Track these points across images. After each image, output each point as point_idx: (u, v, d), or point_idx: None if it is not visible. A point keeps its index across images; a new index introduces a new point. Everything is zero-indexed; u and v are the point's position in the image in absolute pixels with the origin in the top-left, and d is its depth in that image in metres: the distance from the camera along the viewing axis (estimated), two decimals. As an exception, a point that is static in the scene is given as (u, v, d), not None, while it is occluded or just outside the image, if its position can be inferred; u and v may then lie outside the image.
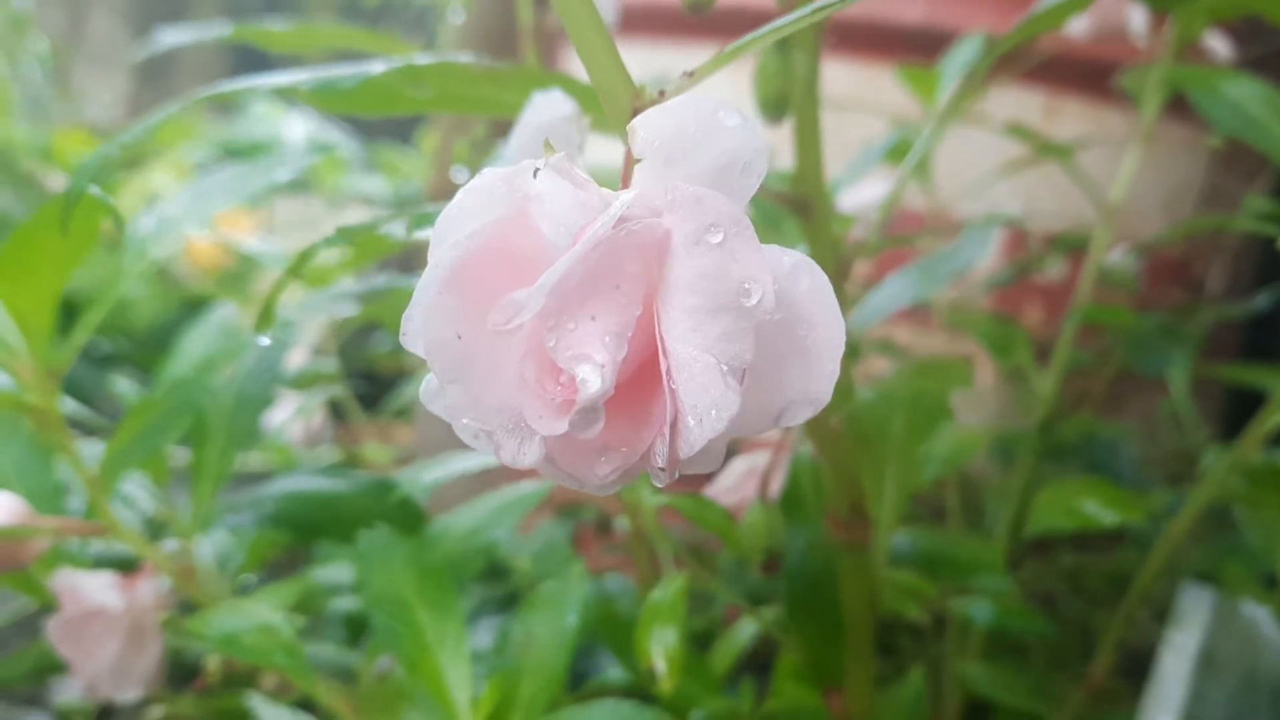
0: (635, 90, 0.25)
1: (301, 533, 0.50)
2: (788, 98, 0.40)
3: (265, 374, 0.51)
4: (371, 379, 1.17)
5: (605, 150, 0.34)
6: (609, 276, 0.21)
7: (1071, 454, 0.71)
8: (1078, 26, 0.65)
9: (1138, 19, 0.64)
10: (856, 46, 1.06)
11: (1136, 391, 1.02)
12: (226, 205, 0.48)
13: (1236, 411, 1.09)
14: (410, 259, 1.24)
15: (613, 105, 0.25)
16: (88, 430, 0.67)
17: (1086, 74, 1.13)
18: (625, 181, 0.24)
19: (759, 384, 0.23)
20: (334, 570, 0.68)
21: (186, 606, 0.52)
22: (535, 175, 0.22)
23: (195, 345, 0.61)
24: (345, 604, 0.66)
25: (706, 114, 0.22)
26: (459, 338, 0.22)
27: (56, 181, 1.52)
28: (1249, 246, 1.28)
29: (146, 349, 1.24)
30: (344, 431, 0.98)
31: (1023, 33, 0.45)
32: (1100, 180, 1.11)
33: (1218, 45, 0.66)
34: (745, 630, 0.59)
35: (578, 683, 0.61)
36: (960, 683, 0.64)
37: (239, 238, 1.10)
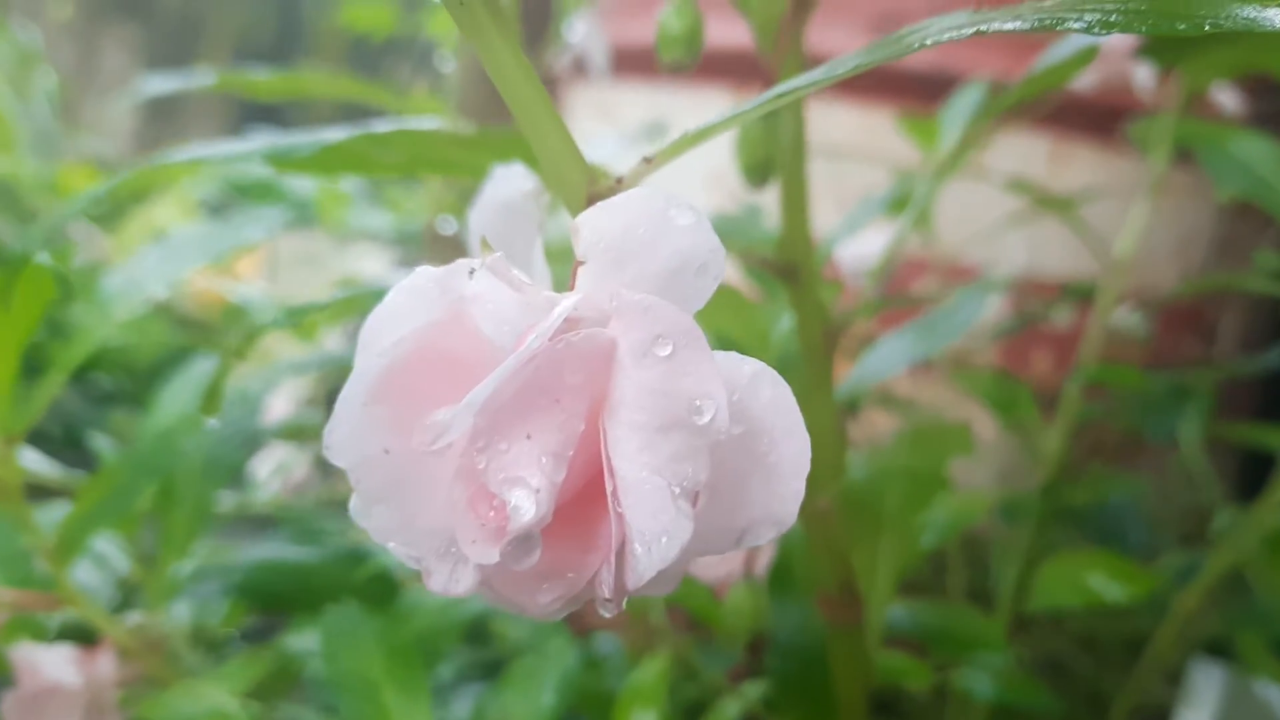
0: (590, 174, 0.24)
1: (270, 604, 0.48)
2: (773, 164, 0.39)
3: (236, 438, 0.49)
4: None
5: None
6: (548, 391, 0.19)
7: (1080, 515, 0.69)
8: (1083, 79, 0.64)
9: (1143, 72, 0.62)
10: (858, 92, 1.05)
11: (1149, 445, 1.00)
12: (195, 265, 0.46)
13: (1251, 468, 1.06)
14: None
15: (565, 191, 0.23)
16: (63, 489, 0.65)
17: (1094, 120, 1.12)
18: (573, 283, 0.23)
19: (718, 503, 0.21)
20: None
21: (154, 678, 0.50)
22: (471, 275, 0.20)
23: (173, 401, 0.59)
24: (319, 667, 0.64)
25: (656, 212, 0.20)
26: (386, 453, 0.20)
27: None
28: (1261, 299, 1.25)
29: (148, 386, 1.23)
30: (329, 483, 0.96)
31: (1025, 90, 0.44)
32: (1110, 227, 1.09)
33: (1226, 99, 0.64)
34: (730, 709, 0.57)
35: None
36: (963, 756, 0.61)
37: (230, 283, 1.09)
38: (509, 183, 0.29)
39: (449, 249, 1.24)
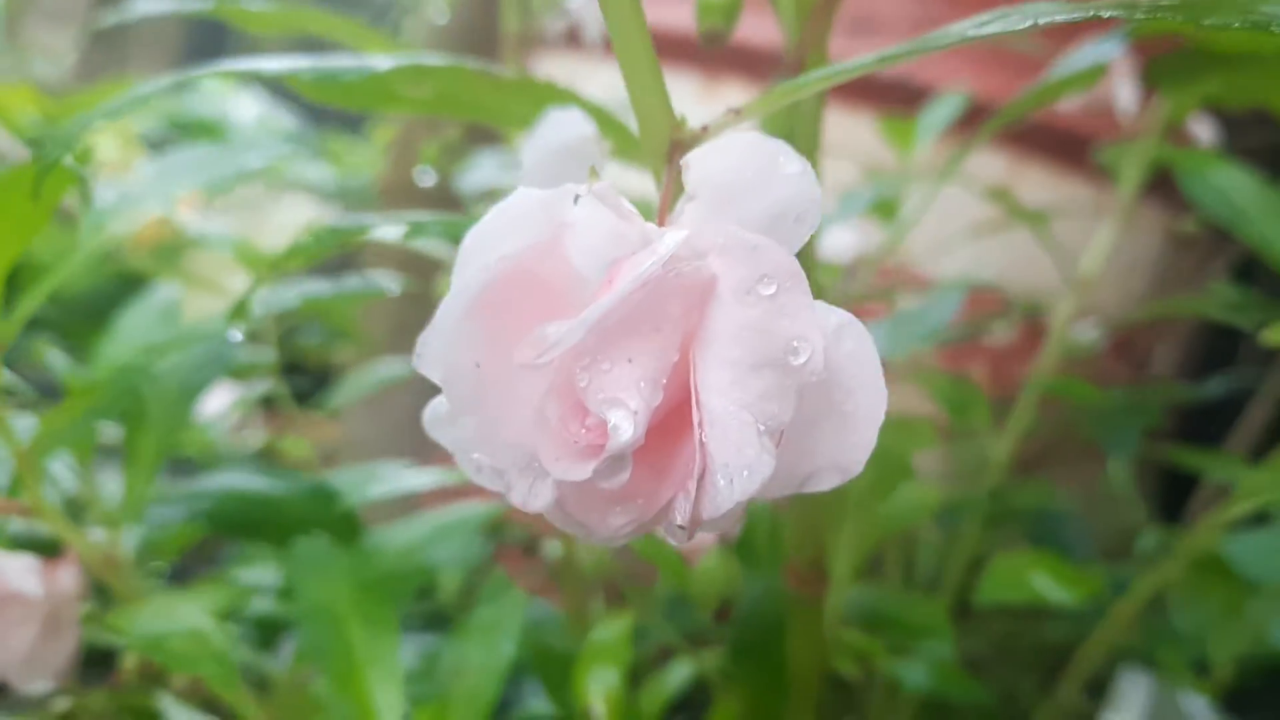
0: (676, 121, 0.24)
1: (236, 533, 0.48)
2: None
3: (213, 363, 0.48)
4: (297, 370, 1.14)
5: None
6: (652, 318, 0.20)
7: (1018, 521, 0.71)
8: (1068, 100, 0.66)
9: (1126, 96, 0.64)
10: (834, 93, 1.06)
11: (1072, 463, 1.03)
12: (192, 186, 0.45)
13: (1171, 488, 1.10)
14: (346, 261, 1.21)
15: (651, 134, 0.24)
16: (15, 400, 0.64)
17: (1052, 142, 1.15)
18: (662, 217, 0.23)
19: (788, 446, 0.21)
20: (249, 571, 0.66)
21: (104, 596, 0.49)
22: (576, 201, 0.21)
23: (135, 326, 0.58)
24: (259, 605, 0.64)
25: (767, 158, 0.21)
26: (477, 366, 0.21)
27: None
28: (1199, 329, 1.30)
29: (74, 318, 1.20)
30: (269, 422, 0.95)
31: (1031, 103, 0.45)
32: (1051, 249, 1.11)
33: (1201, 130, 0.67)
34: (680, 671, 0.58)
35: (500, 712, 0.59)
36: (888, 745, 0.63)
37: (182, 215, 1.07)
38: (567, 126, 0.30)
39: (403, 202, 1.23)
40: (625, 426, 0.19)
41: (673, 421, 0.21)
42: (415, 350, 0.21)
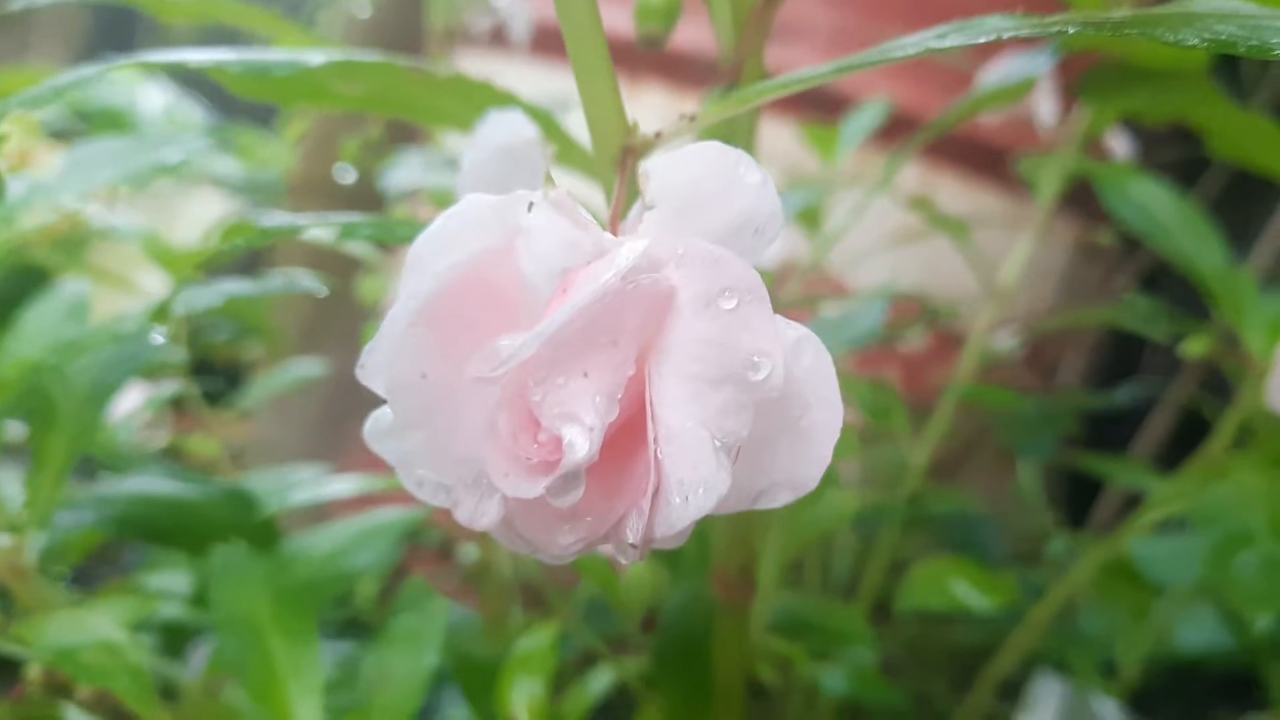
0: (629, 126, 0.24)
1: (148, 538, 0.46)
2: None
3: (128, 363, 0.46)
4: (205, 368, 1.11)
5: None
6: (608, 331, 0.19)
7: (934, 526, 0.72)
8: (987, 112, 0.66)
9: (1046, 109, 0.65)
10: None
11: (981, 468, 1.05)
12: (109, 181, 0.44)
13: (1075, 494, 1.13)
14: (255, 258, 1.19)
15: (603, 138, 0.23)
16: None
17: (966, 152, 1.17)
18: (614, 224, 0.22)
19: (742, 462, 0.21)
20: (157, 576, 0.63)
21: (6, 603, 0.47)
22: (530, 208, 0.20)
23: (41, 323, 0.56)
24: (165, 610, 0.62)
25: (728, 166, 0.20)
26: (424, 378, 0.20)
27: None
28: (1104, 338, 1.33)
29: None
30: (177, 422, 0.92)
31: (963, 114, 0.45)
32: (970, 259, 1.13)
33: (1117, 144, 0.68)
34: (602, 678, 0.57)
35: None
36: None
37: (86, 207, 1.03)
38: (509, 129, 0.29)
39: (315, 200, 1.20)
40: (580, 443, 0.19)
41: (626, 437, 0.20)
42: (359, 360, 0.20)
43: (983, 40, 0.21)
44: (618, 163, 0.23)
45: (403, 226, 0.32)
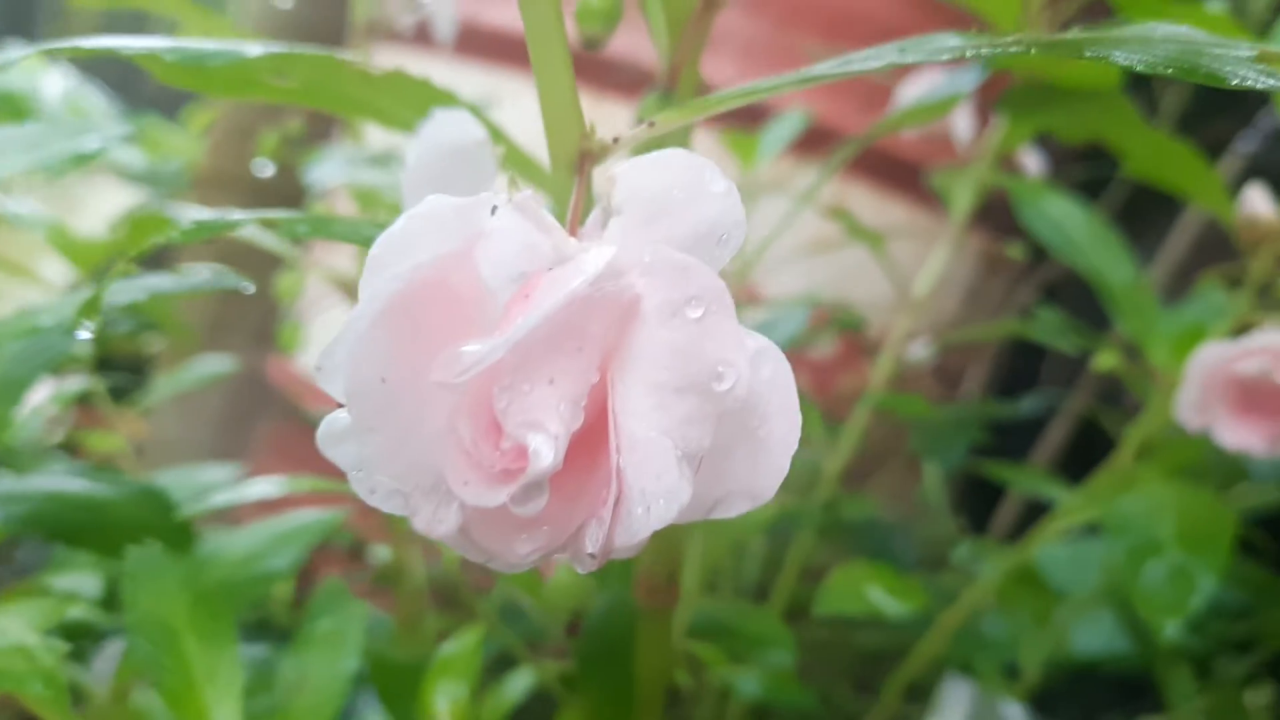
0: (585, 130, 0.23)
1: (59, 538, 0.44)
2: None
3: (42, 357, 0.44)
4: (107, 363, 1.07)
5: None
6: (575, 337, 0.19)
7: (846, 532, 0.72)
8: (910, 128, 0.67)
9: (962, 124, 0.66)
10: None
11: (887, 475, 1.06)
12: (21, 168, 0.42)
13: (975, 500, 1.15)
14: (157, 253, 1.15)
15: (560, 142, 0.23)
16: None
17: (878, 165, 1.18)
18: (573, 228, 0.22)
19: (701, 471, 0.21)
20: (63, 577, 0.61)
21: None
22: (493, 211, 0.20)
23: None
24: (71, 612, 0.60)
25: (695, 174, 0.20)
26: (383, 381, 0.19)
27: None
28: (1006, 350, 1.36)
29: None
30: (79, 418, 0.89)
31: (889, 128, 0.46)
32: (877, 270, 1.14)
33: (1030, 161, 0.70)
34: (521, 681, 0.57)
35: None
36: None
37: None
38: (456, 129, 0.28)
39: (224, 193, 1.17)
40: (546, 452, 0.18)
41: (587, 445, 0.20)
42: (315, 363, 0.19)
43: (945, 59, 0.21)
44: (576, 166, 0.23)
45: (340, 224, 0.31)
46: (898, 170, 1.17)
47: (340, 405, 0.20)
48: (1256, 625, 0.69)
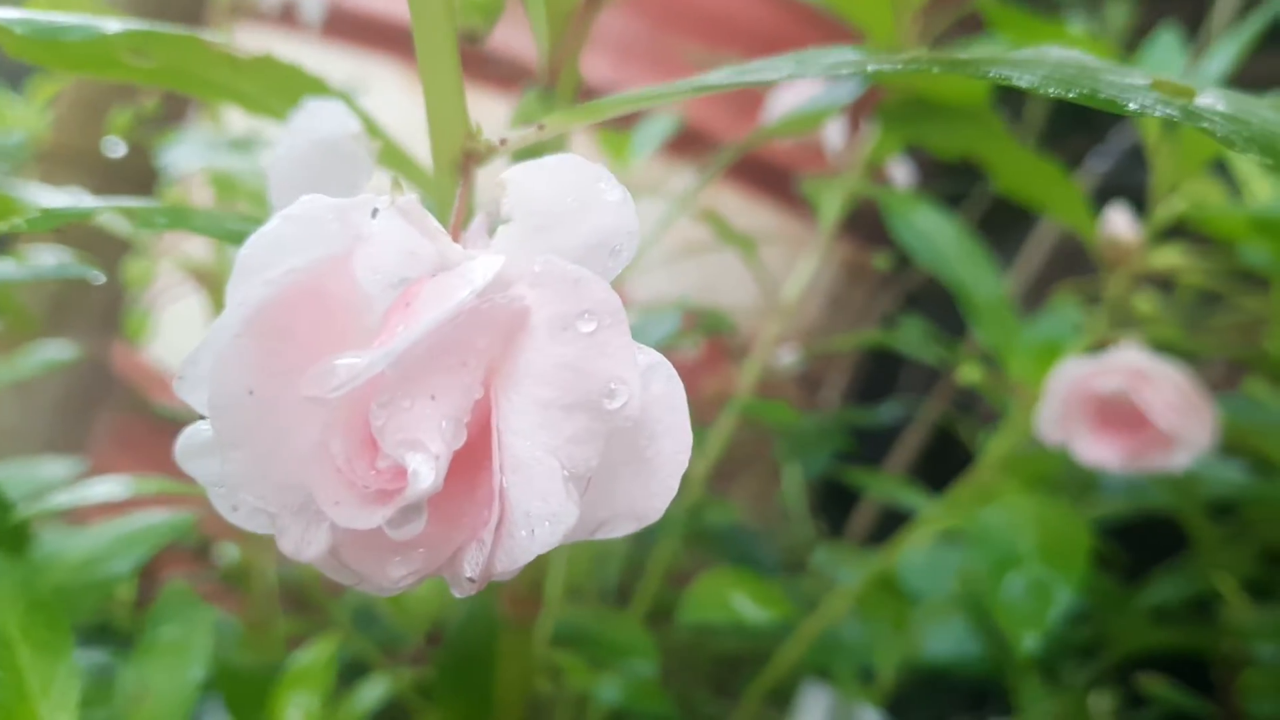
0: (471, 130, 0.22)
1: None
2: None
3: None
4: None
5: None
6: (459, 351, 0.18)
7: (710, 537, 0.73)
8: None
9: (835, 134, 0.67)
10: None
11: (751, 479, 1.07)
12: None
13: (832, 506, 1.17)
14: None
15: (444, 142, 0.22)
16: None
17: (749, 171, 1.19)
18: (455, 233, 0.21)
19: (587, 492, 0.20)
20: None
21: None
22: (374, 214, 0.19)
23: None
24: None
25: (589, 182, 0.19)
26: (250, 394, 0.18)
27: None
28: (864, 357, 1.39)
29: None
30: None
31: (767, 135, 0.46)
32: (742, 274, 1.15)
33: (899, 172, 0.71)
34: (375, 689, 0.55)
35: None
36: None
37: None
38: (329, 120, 0.27)
39: (71, 171, 1.11)
40: (426, 472, 0.17)
41: (468, 465, 0.19)
42: (177, 371, 0.18)
43: (845, 73, 0.21)
44: (460, 168, 0.22)
45: (201, 217, 0.29)
46: (770, 176, 1.18)
47: (202, 416, 0.18)
48: (1101, 631, 0.71)
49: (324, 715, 0.43)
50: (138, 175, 0.79)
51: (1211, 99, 0.20)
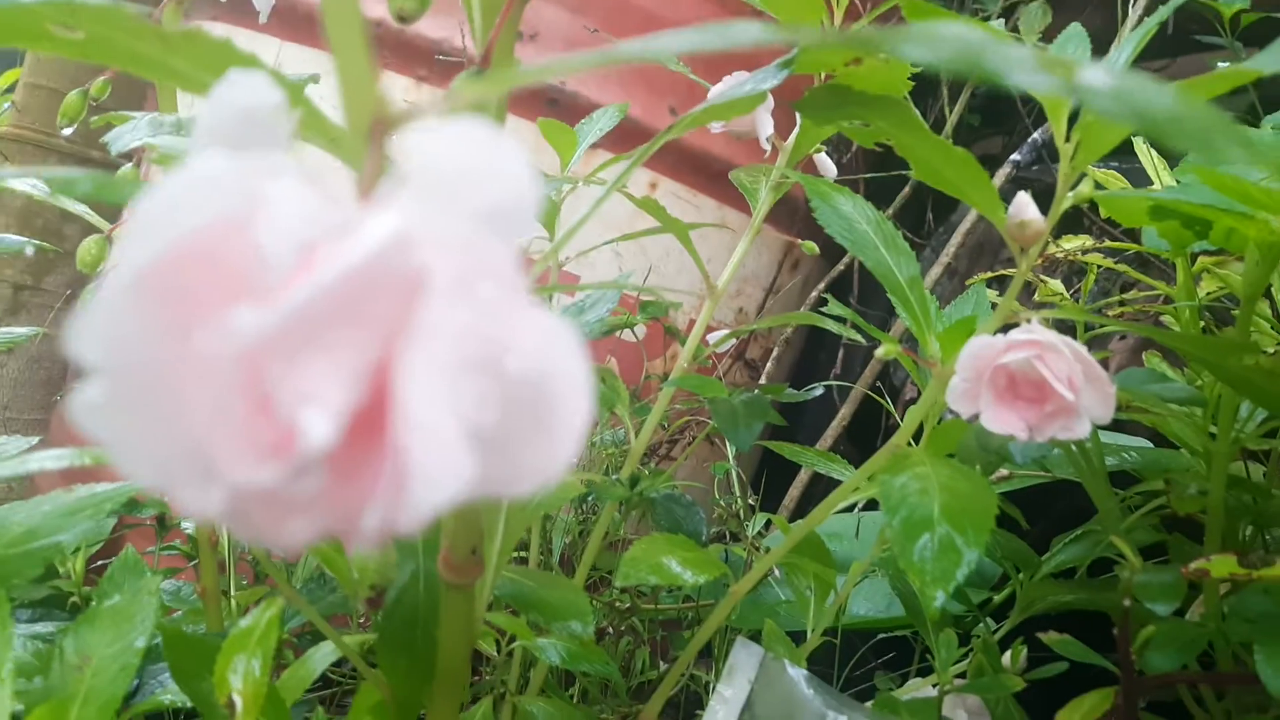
0: (381, 97, 0.21)
1: None
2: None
3: None
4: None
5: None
6: (355, 311, 0.17)
7: (650, 506, 0.72)
8: (716, 124, 0.67)
9: (766, 126, 0.66)
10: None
11: (692, 452, 1.07)
12: None
13: (770, 477, 1.17)
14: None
15: (356, 108, 0.21)
16: None
17: (685, 161, 1.19)
18: (365, 199, 0.20)
19: (487, 451, 0.19)
20: None
21: None
22: (275, 174, 0.18)
23: None
24: None
25: (491, 148, 0.18)
26: (145, 352, 0.17)
27: None
28: (807, 344, 1.39)
29: None
30: None
31: (696, 120, 0.45)
32: (682, 259, 1.14)
33: (823, 163, 0.70)
34: (322, 655, 0.54)
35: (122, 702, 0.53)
36: (521, 718, 0.62)
37: None
38: (251, 91, 0.25)
39: (35, 156, 1.09)
40: (320, 428, 0.16)
41: (367, 423, 0.18)
42: (73, 329, 0.17)
43: (744, 44, 0.20)
44: (370, 135, 0.21)
45: (126, 185, 0.28)
46: (716, 171, 1.18)
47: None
48: (1014, 593, 0.71)
49: (267, 677, 0.42)
50: (106, 163, 0.77)
51: (1095, 75, 0.20)
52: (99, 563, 0.74)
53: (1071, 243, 0.69)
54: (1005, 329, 0.48)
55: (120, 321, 0.16)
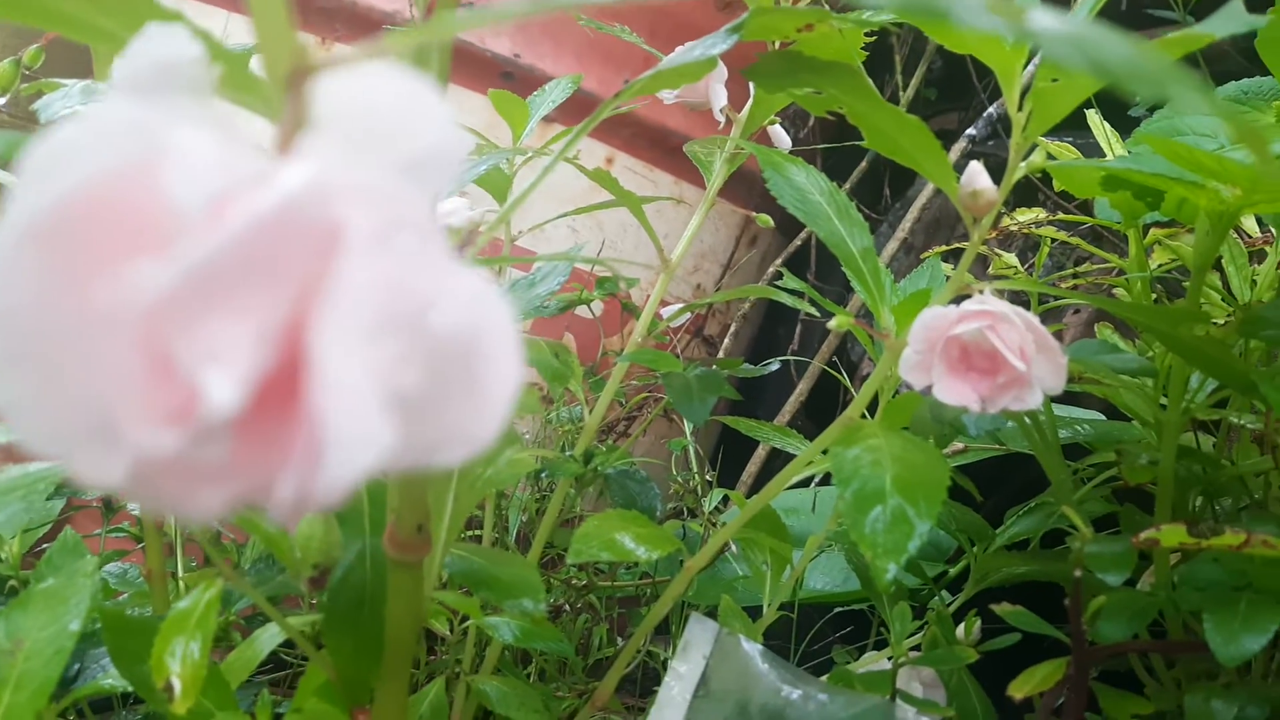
0: (299, 46, 0.20)
1: None
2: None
3: None
4: None
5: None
6: (265, 265, 0.16)
7: (605, 482, 0.71)
8: (669, 94, 0.66)
9: (720, 97, 0.65)
10: (456, 73, 1.03)
11: (650, 428, 1.06)
12: None
13: (728, 452, 1.17)
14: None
15: (273, 57, 0.20)
16: None
17: (641, 135, 1.18)
18: (282, 151, 0.19)
19: (414, 416, 0.18)
20: None
21: None
22: (181, 122, 0.16)
23: None
24: None
25: (410, 96, 0.17)
26: (39, 304, 0.16)
27: None
28: (765, 320, 1.39)
29: None
30: None
31: (646, 87, 0.44)
32: (639, 235, 1.13)
33: (780, 134, 0.70)
34: (269, 636, 0.53)
35: (62, 687, 0.51)
36: (475, 697, 0.61)
37: None
38: (169, 44, 0.24)
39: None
40: (225, 391, 0.15)
41: (281, 386, 0.17)
42: (-44, 285, 0.15)
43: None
44: (288, 84, 0.19)
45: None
46: (665, 140, 1.17)
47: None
48: (968, 565, 0.71)
49: (206, 659, 0.41)
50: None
51: (1045, 18, 0.19)
52: (44, 546, 0.72)
53: (1026, 215, 0.69)
54: (959, 300, 0.47)
55: (10, 274, 0.15)
